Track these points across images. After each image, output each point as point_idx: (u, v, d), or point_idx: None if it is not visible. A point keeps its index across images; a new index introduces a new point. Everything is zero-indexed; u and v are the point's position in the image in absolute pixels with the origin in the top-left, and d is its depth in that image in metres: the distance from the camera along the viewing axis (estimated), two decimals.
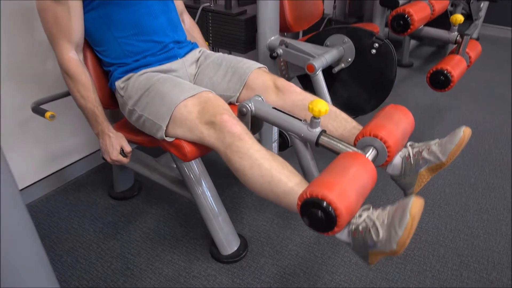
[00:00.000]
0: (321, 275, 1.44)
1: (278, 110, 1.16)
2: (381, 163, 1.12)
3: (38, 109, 1.36)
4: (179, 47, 1.35)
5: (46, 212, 1.75)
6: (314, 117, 1.06)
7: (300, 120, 1.12)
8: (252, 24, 1.73)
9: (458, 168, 2.00)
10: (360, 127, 1.25)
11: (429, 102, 2.66)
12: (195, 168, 1.42)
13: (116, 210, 1.75)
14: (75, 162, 1.93)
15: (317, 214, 0.88)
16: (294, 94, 1.30)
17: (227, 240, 1.50)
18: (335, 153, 1.09)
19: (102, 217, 1.71)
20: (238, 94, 1.31)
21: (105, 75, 1.35)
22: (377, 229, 0.91)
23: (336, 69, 1.68)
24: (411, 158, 1.19)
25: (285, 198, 1.03)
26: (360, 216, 0.96)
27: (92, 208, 1.76)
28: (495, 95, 2.77)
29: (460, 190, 1.85)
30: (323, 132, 1.10)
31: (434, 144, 1.17)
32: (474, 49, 2.03)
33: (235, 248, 1.51)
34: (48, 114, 1.30)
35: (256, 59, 1.51)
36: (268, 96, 1.28)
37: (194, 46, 1.43)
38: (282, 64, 1.65)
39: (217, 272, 1.46)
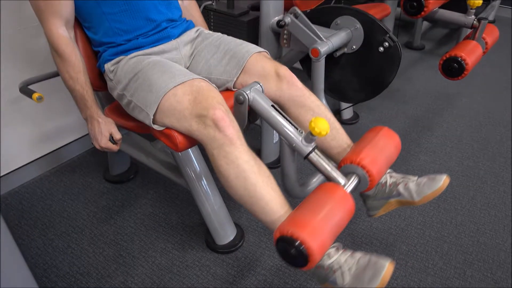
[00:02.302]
0: None
1: (276, 110, 1.09)
2: (362, 190, 1.13)
3: (25, 90, 1.29)
4: (172, 27, 1.27)
5: (40, 193, 1.71)
6: (311, 134, 1.02)
7: (297, 129, 1.08)
8: (255, 26, 1.65)
9: (466, 159, 1.92)
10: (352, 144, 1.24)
11: (440, 87, 2.56)
12: (190, 154, 1.36)
13: (111, 194, 1.71)
14: (70, 142, 1.87)
15: (290, 252, 0.91)
16: (293, 88, 1.21)
17: (223, 230, 1.45)
18: (320, 172, 1.09)
19: (96, 201, 1.67)
20: (235, 79, 1.23)
21: (96, 55, 1.27)
22: (342, 273, 0.95)
23: (337, 53, 1.58)
24: (387, 187, 1.20)
25: (261, 215, 1.03)
26: (328, 256, 0.98)
27: (87, 191, 1.72)
28: (509, 82, 2.65)
29: (468, 183, 1.78)
30: (315, 148, 1.08)
31: (412, 181, 1.16)
32: (491, 34, 1.91)
33: (231, 238, 1.46)
34: (35, 95, 1.23)
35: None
36: (267, 83, 1.19)
37: (189, 25, 1.34)
38: (286, 33, 1.53)
39: (211, 262, 1.41)
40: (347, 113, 2.19)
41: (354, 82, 1.69)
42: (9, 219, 1.58)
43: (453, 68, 1.67)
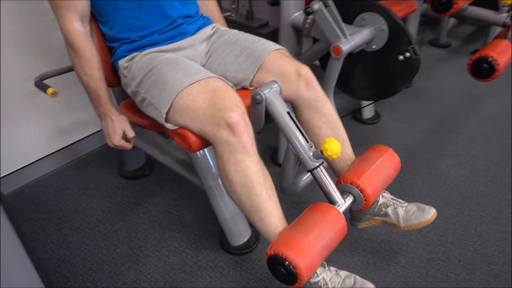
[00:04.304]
0: None
1: (291, 117, 1.08)
2: (357, 209, 1.16)
3: (40, 84, 1.28)
4: (188, 23, 1.23)
5: (56, 187, 1.71)
6: (321, 153, 1.03)
7: (308, 141, 1.08)
8: (274, 38, 1.60)
9: (493, 164, 1.84)
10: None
11: (466, 87, 2.45)
12: (206, 154, 1.33)
13: (126, 190, 1.69)
14: (87, 136, 1.87)
15: (280, 270, 0.96)
16: (312, 91, 1.17)
17: (237, 231, 1.42)
18: (320, 187, 1.13)
19: (111, 197, 1.66)
20: (251, 77, 1.19)
21: (111, 50, 1.25)
22: None
23: (356, 50, 1.52)
24: (376, 206, 1.24)
25: (258, 223, 1.05)
26: (316, 273, 1.03)
27: (102, 187, 1.71)
28: None
29: (494, 189, 1.70)
30: (321, 165, 1.10)
31: (401, 207, 1.22)
32: None
33: (246, 239, 1.43)
34: (50, 90, 1.22)
35: None
36: (285, 82, 1.15)
37: (206, 21, 1.30)
38: (309, 20, 1.45)
39: (225, 263, 1.39)
40: (368, 112, 2.12)
41: (363, 80, 1.64)
42: (25, 212, 1.59)
43: (483, 69, 1.59)
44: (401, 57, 1.47)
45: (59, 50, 1.57)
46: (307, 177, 1.33)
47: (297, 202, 1.62)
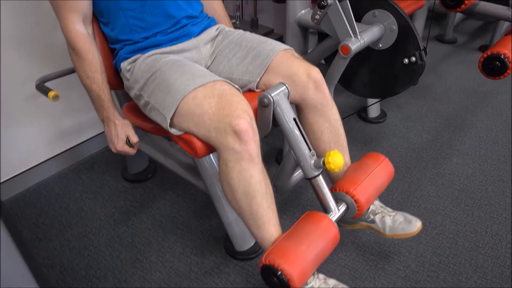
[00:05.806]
0: (343, 279, 1.32)
1: (297, 125, 1.07)
2: (349, 217, 1.18)
3: (42, 87, 1.25)
4: (193, 24, 1.19)
5: (58, 191, 1.68)
6: (323, 164, 1.04)
7: (310, 150, 1.09)
8: None
9: (503, 163, 1.80)
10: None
11: (474, 84, 2.41)
12: (211, 158, 1.29)
13: (129, 193, 1.67)
14: (89, 139, 1.84)
15: (273, 280, 0.97)
16: (320, 95, 1.14)
17: (243, 235, 1.39)
18: (316, 196, 1.14)
19: (114, 201, 1.63)
20: (258, 79, 1.15)
21: (113, 51, 1.22)
22: None
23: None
24: (366, 212, 1.25)
25: (254, 229, 1.05)
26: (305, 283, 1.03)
27: (104, 190, 1.68)
28: None
29: (505, 189, 1.66)
30: (320, 174, 1.11)
31: (389, 216, 1.23)
32: None
33: (252, 244, 1.40)
34: (51, 94, 1.19)
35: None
36: (292, 83, 1.11)
37: (211, 22, 1.27)
38: (320, 12, 1.39)
39: (230, 269, 1.36)
40: (374, 111, 2.09)
41: (364, 76, 1.62)
42: (27, 218, 1.56)
43: (495, 67, 1.54)
44: (406, 60, 1.45)
45: (60, 51, 1.54)
46: (299, 172, 1.35)
47: (303, 205, 1.59)
